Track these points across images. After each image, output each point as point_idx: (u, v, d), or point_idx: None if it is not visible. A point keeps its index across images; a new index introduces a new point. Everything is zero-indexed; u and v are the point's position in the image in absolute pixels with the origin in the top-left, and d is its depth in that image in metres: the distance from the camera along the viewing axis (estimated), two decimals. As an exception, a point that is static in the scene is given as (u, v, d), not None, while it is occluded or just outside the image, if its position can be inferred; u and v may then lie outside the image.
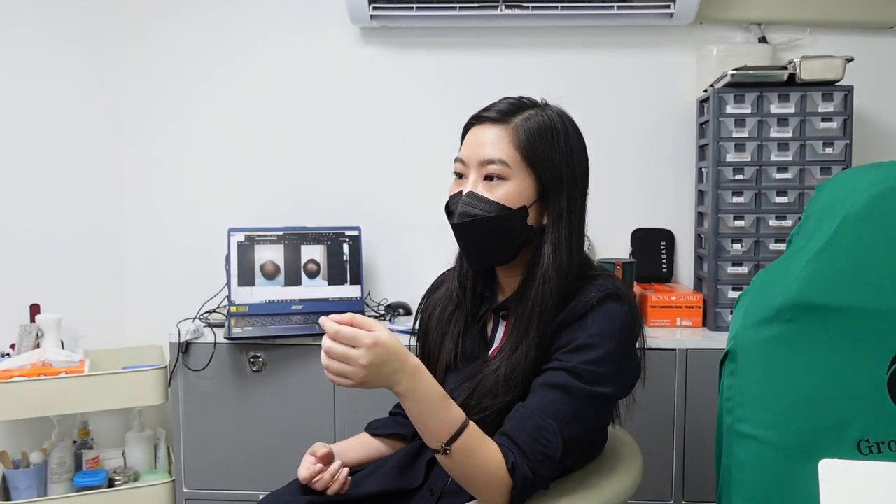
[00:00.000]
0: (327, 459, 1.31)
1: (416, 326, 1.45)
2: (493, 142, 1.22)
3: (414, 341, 1.45)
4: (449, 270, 1.42)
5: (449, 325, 1.35)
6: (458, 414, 1.12)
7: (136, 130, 2.42)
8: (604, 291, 1.20)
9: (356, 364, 1.04)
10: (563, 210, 1.23)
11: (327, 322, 1.05)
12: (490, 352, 1.31)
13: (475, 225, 1.22)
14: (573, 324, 1.20)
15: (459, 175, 1.27)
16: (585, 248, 1.31)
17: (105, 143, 2.40)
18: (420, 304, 1.46)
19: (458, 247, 1.33)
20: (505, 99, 1.27)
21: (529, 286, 1.23)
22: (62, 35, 2.32)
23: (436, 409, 1.10)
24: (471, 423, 1.12)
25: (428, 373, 1.11)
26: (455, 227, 1.25)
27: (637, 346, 1.27)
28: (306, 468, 1.30)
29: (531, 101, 1.27)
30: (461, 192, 1.24)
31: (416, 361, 1.10)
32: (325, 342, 1.05)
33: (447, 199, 1.28)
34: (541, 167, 1.21)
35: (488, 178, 1.22)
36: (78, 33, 2.34)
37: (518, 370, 1.20)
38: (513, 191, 1.21)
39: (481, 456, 1.12)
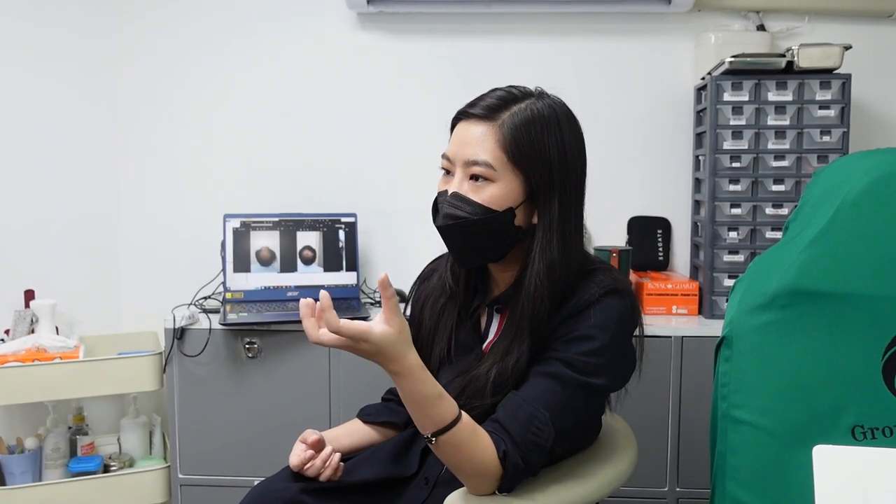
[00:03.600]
0: (318, 446, 1.30)
1: (408, 314, 1.43)
2: (479, 141, 1.17)
3: None
4: (440, 257, 1.40)
5: (441, 318, 1.33)
6: (448, 411, 1.10)
7: (131, 116, 2.41)
8: (604, 288, 1.18)
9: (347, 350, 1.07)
10: (555, 210, 1.18)
11: (333, 321, 1.03)
12: (484, 345, 1.30)
13: (458, 227, 1.18)
14: (573, 317, 1.18)
15: (447, 171, 1.23)
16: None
17: (100, 129, 2.38)
18: (411, 292, 1.46)
19: None
20: (494, 91, 1.21)
21: (520, 287, 1.20)
22: (56, 20, 2.29)
23: (422, 406, 1.09)
24: (463, 417, 1.11)
25: (421, 373, 1.09)
26: (439, 229, 1.22)
27: (634, 339, 1.26)
28: (297, 455, 1.29)
29: (523, 91, 1.21)
30: (446, 191, 1.20)
31: (410, 363, 1.08)
32: (325, 336, 1.05)
33: (436, 194, 1.25)
34: (529, 167, 1.16)
35: (474, 177, 1.18)
36: (73, 19, 2.32)
37: (507, 374, 1.19)
38: (498, 193, 1.17)
39: (471, 449, 1.11)
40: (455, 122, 1.24)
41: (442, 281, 1.35)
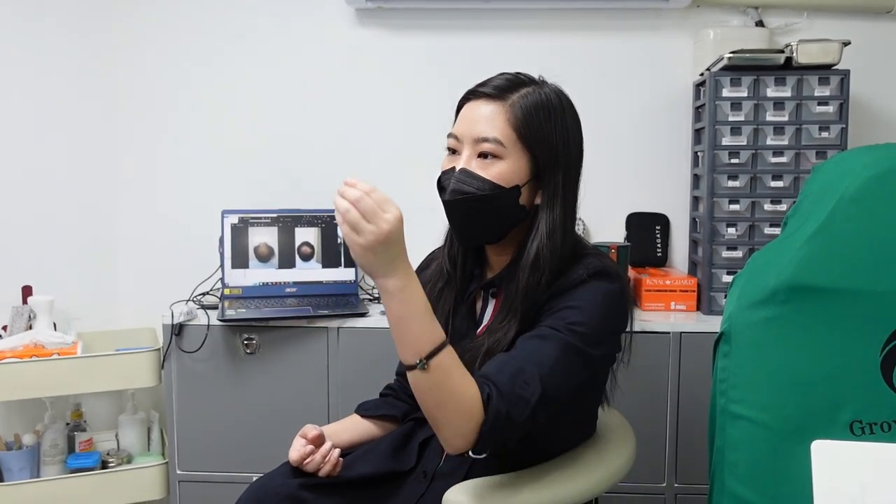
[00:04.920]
0: (318, 441, 1.31)
1: None
2: (489, 119, 1.20)
3: None
4: (438, 249, 1.42)
5: (439, 303, 1.34)
6: (440, 329, 1.09)
7: (128, 112, 2.40)
8: (592, 269, 1.20)
9: (377, 222, 1.02)
10: (558, 190, 1.22)
11: (361, 183, 1.03)
12: (479, 330, 1.31)
13: (467, 202, 1.20)
14: (559, 297, 1.20)
15: (452, 151, 1.25)
16: (580, 232, 1.31)
17: (98, 125, 2.38)
18: None
19: (448, 224, 1.32)
20: (502, 74, 1.25)
21: (520, 265, 1.22)
22: (55, 16, 2.29)
23: (422, 315, 1.06)
24: (450, 345, 1.09)
25: (417, 280, 1.08)
26: (446, 204, 1.24)
27: (625, 324, 1.26)
28: (297, 450, 1.30)
29: (528, 77, 1.26)
30: (454, 168, 1.22)
31: (410, 266, 1.07)
32: (353, 193, 1.03)
33: (440, 174, 1.27)
34: (536, 147, 1.20)
35: (482, 155, 1.20)
36: (71, 15, 2.31)
37: (499, 345, 1.19)
38: (507, 170, 1.20)
39: (457, 379, 1.08)
40: (462, 102, 1.27)
41: (440, 267, 1.36)
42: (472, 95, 1.25)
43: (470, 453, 1.11)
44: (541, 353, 1.13)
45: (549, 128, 1.21)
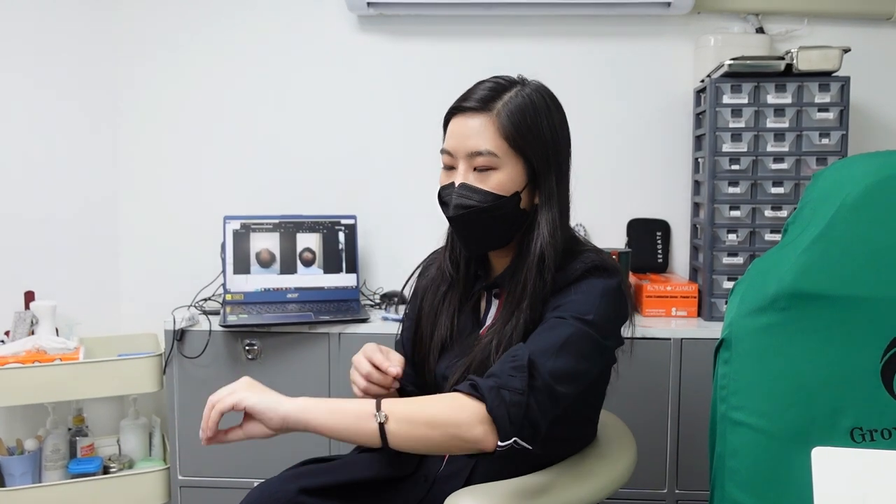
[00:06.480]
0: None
1: (407, 309, 1.46)
2: (479, 132, 1.21)
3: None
4: (437, 251, 1.42)
5: (443, 305, 1.35)
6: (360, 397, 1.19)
7: (130, 118, 2.41)
8: (589, 264, 1.22)
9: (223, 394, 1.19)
10: (554, 188, 1.24)
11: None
12: (482, 330, 1.31)
13: (471, 216, 1.22)
14: (558, 293, 1.21)
15: (448, 167, 1.27)
16: (582, 235, 1.32)
17: (100, 129, 2.39)
18: (411, 286, 1.47)
19: (448, 227, 1.33)
20: (482, 84, 1.26)
21: (523, 264, 1.24)
22: (57, 16, 2.30)
23: (335, 400, 1.13)
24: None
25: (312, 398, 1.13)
26: (451, 219, 1.26)
27: (626, 317, 1.27)
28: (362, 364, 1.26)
29: (508, 80, 1.26)
30: (453, 183, 1.24)
31: (296, 400, 1.12)
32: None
33: (438, 189, 1.28)
34: (529, 151, 1.22)
35: (478, 168, 1.22)
36: (73, 19, 2.32)
37: (508, 341, 1.20)
38: (504, 179, 1.21)
39: (420, 401, 1.13)
40: (448, 117, 1.27)
41: (441, 270, 1.37)
42: (456, 111, 1.25)
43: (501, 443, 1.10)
44: (545, 341, 1.15)
45: (537, 129, 1.22)
